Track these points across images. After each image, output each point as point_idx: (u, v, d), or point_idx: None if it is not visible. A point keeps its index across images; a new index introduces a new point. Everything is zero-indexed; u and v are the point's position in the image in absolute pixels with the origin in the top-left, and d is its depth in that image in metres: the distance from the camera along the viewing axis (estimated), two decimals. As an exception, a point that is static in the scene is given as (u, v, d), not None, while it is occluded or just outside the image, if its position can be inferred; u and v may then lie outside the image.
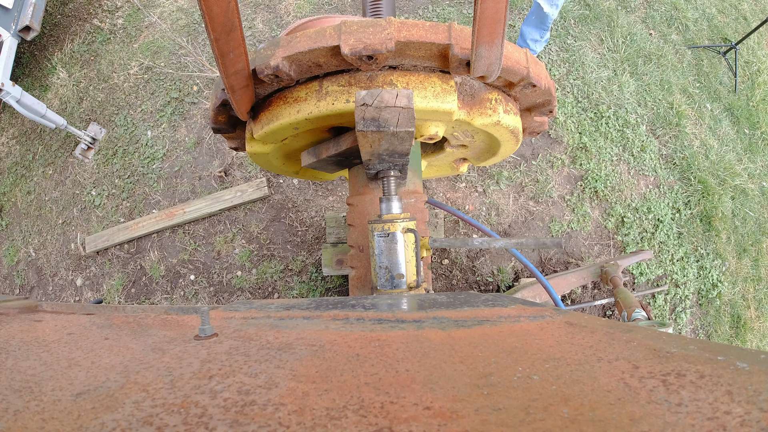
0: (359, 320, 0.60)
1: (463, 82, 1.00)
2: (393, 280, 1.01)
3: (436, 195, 2.58)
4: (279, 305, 0.73)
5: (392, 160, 0.99)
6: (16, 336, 0.58)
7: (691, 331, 2.52)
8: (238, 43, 0.79)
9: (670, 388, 0.32)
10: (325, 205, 2.59)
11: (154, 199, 2.76)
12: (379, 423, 0.30)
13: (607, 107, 2.72)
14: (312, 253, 2.51)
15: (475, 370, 0.39)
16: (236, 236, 2.60)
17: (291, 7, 3.04)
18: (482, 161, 1.52)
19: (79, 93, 3.09)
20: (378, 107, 0.83)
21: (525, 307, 0.64)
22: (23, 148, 3.13)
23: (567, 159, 2.62)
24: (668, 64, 2.97)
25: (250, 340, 0.52)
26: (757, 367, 0.33)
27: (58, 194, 2.93)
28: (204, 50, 2.95)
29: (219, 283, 2.55)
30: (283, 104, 1.00)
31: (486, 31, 0.77)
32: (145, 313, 0.69)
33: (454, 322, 0.57)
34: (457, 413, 0.31)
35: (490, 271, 2.46)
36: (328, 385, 0.37)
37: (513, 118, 1.11)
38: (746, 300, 2.63)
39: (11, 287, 2.88)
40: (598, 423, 0.28)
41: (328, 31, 0.87)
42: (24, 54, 3.28)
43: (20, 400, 0.37)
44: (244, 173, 2.70)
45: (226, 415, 0.32)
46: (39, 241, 2.89)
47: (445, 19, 2.94)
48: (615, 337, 0.45)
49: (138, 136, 2.89)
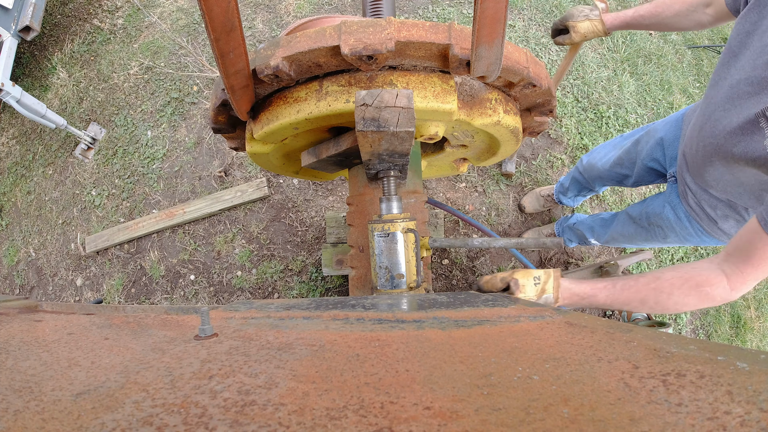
0: (359, 320, 0.60)
1: (463, 82, 1.00)
2: (393, 280, 1.01)
3: (436, 195, 2.58)
4: (279, 305, 0.73)
5: (392, 160, 0.99)
6: (16, 336, 0.58)
7: (691, 331, 2.52)
8: (238, 43, 0.79)
9: (670, 388, 0.32)
10: (325, 205, 2.59)
11: (154, 199, 2.76)
12: (379, 423, 0.30)
13: (607, 107, 2.72)
14: (312, 253, 2.51)
15: (475, 370, 0.39)
16: (236, 236, 2.60)
17: (291, 7, 3.04)
18: (482, 161, 1.52)
19: (79, 93, 3.09)
20: (378, 107, 0.83)
21: (525, 307, 0.64)
22: (23, 148, 3.13)
23: (567, 159, 2.62)
24: (668, 64, 2.97)
25: (250, 340, 0.52)
26: (757, 367, 0.33)
27: (58, 194, 2.93)
28: (204, 50, 2.95)
29: (219, 283, 2.55)
30: (283, 104, 1.00)
31: (486, 31, 0.77)
32: (145, 313, 0.69)
33: (454, 322, 0.57)
34: (457, 413, 0.31)
35: (490, 271, 2.46)
36: (328, 385, 0.37)
37: (513, 118, 1.11)
38: (746, 300, 2.63)
39: (11, 287, 2.88)
40: (598, 423, 0.28)
41: (328, 31, 0.87)
42: (24, 54, 3.28)
43: (20, 400, 0.37)
44: (244, 173, 2.70)
45: (226, 415, 0.32)
46: (39, 241, 2.89)
47: (445, 19, 2.94)
48: (615, 337, 0.45)
49: (138, 136, 2.89)
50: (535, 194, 2.47)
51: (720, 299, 0.95)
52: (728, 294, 0.94)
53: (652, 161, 1.54)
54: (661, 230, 1.54)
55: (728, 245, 0.98)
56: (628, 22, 1.46)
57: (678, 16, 1.35)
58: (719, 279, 0.94)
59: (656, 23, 1.40)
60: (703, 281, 0.95)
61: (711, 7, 1.25)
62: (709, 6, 1.26)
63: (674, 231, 1.49)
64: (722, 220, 1.29)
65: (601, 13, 1.49)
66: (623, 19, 1.46)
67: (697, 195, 1.30)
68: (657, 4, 1.38)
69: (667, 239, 1.55)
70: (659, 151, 1.51)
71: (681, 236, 1.49)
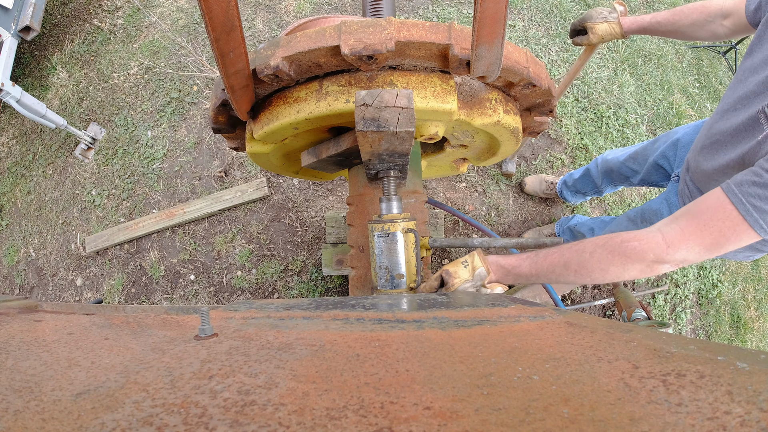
0: (359, 320, 0.60)
1: (463, 82, 1.00)
2: (393, 280, 1.01)
3: (436, 195, 2.58)
4: (279, 305, 0.73)
5: (392, 160, 0.99)
6: (16, 336, 0.58)
7: (691, 331, 2.52)
8: (238, 43, 0.79)
9: (670, 388, 0.32)
10: (325, 205, 2.59)
11: (154, 199, 2.76)
12: (379, 423, 0.30)
13: (607, 107, 2.72)
14: (312, 253, 2.51)
15: (475, 370, 0.39)
16: (236, 236, 2.60)
17: (291, 7, 3.04)
18: (482, 161, 1.52)
19: (79, 93, 3.09)
20: (378, 107, 0.83)
21: (525, 307, 0.64)
22: (23, 148, 3.13)
23: (567, 159, 2.62)
24: (668, 64, 2.97)
25: (250, 340, 0.52)
26: (757, 367, 0.33)
27: (58, 194, 2.93)
28: (204, 50, 2.95)
29: (219, 283, 2.55)
30: (283, 104, 1.00)
31: (486, 31, 0.77)
32: (145, 313, 0.69)
33: (454, 322, 0.57)
34: (457, 413, 0.31)
35: (490, 271, 2.46)
36: (328, 385, 0.37)
37: (513, 118, 1.11)
38: (746, 300, 2.63)
39: (11, 287, 2.88)
40: (598, 423, 0.28)
41: (328, 31, 0.87)
42: (24, 54, 3.28)
43: (20, 400, 0.37)
44: (244, 173, 2.70)
45: (226, 415, 0.32)
46: (39, 241, 2.89)
47: (445, 19, 2.94)
48: (615, 337, 0.45)
49: (138, 136, 2.89)
50: (539, 177, 2.48)
51: (653, 257, 0.82)
52: (663, 251, 0.82)
53: (663, 159, 1.57)
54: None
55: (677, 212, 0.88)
56: (645, 27, 1.47)
57: (694, 26, 1.35)
58: (651, 236, 0.83)
59: (672, 31, 1.41)
60: (631, 237, 0.84)
61: (729, 19, 1.26)
62: (727, 18, 1.26)
63: None
64: None
65: (620, 16, 1.51)
66: (640, 24, 1.47)
67: (693, 195, 1.31)
68: (675, 12, 1.40)
69: None
70: (672, 151, 1.53)
71: None
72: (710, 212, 0.81)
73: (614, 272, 0.85)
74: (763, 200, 0.78)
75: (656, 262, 0.82)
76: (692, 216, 0.83)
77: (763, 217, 0.78)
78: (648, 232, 0.85)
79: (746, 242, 0.81)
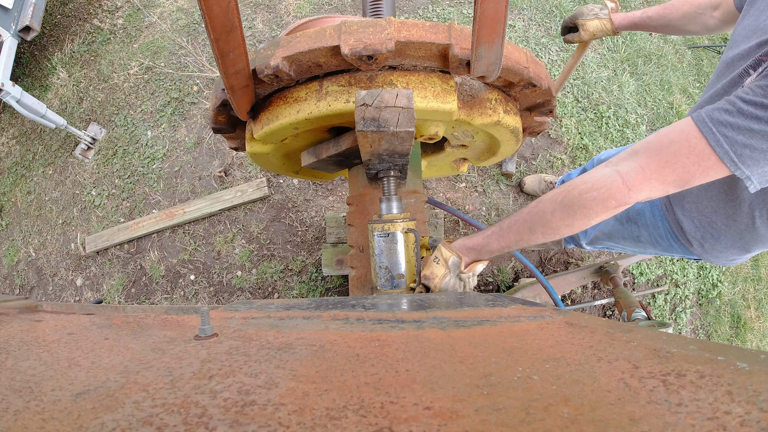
0: (359, 320, 0.60)
1: (463, 82, 1.00)
2: (393, 280, 1.01)
3: (436, 195, 2.58)
4: (279, 305, 0.73)
5: (392, 160, 0.99)
6: (16, 336, 0.58)
7: (691, 331, 2.52)
8: (238, 43, 0.79)
9: (670, 388, 0.32)
10: (325, 205, 2.59)
11: (154, 199, 2.76)
12: (379, 423, 0.30)
13: (607, 107, 2.72)
14: (312, 253, 2.51)
15: (475, 370, 0.39)
16: (236, 236, 2.60)
17: (291, 7, 3.04)
18: (482, 161, 1.52)
19: (79, 93, 3.09)
20: (378, 107, 0.83)
21: (525, 307, 0.64)
22: (23, 148, 3.13)
23: (567, 159, 2.62)
24: (668, 64, 2.97)
25: (250, 340, 0.52)
26: (757, 367, 0.33)
27: (58, 194, 2.93)
28: (204, 50, 2.95)
29: (219, 283, 2.55)
30: (283, 104, 1.00)
31: (486, 31, 0.77)
32: (145, 313, 0.69)
33: (454, 322, 0.57)
34: (457, 413, 0.31)
35: (490, 271, 2.46)
36: (328, 385, 0.37)
37: (513, 118, 1.11)
38: (746, 300, 2.63)
39: (11, 287, 2.88)
40: (598, 423, 0.28)
41: (328, 31, 0.87)
42: (24, 54, 3.28)
43: (20, 400, 0.37)
44: (244, 173, 2.70)
45: (226, 415, 0.32)
46: (39, 241, 2.89)
47: (445, 19, 2.94)
48: (615, 337, 0.45)
49: (138, 136, 2.89)
50: (538, 177, 2.49)
51: (615, 203, 0.79)
52: (624, 195, 0.78)
53: None
54: (636, 227, 1.54)
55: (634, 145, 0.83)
56: (636, 23, 1.47)
57: (685, 19, 1.35)
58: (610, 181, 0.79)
59: (664, 25, 1.41)
60: (588, 187, 0.81)
61: (718, 9, 1.26)
62: (716, 9, 1.26)
63: (647, 229, 1.49)
64: (686, 219, 1.28)
65: (611, 13, 1.51)
66: (631, 20, 1.47)
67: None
68: (665, 6, 1.39)
69: (640, 238, 1.54)
70: None
71: (653, 236, 1.48)
72: (674, 147, 0.76)
73: (580, 224, 0.84)
74: (735, 130, 0.73)
75: (619, 206, 0.80)
76: (654, 152, 0.78)
77: (734, 149, 0.74)
78: (605, 177, 0.80)
79: (713, 177, 0.77)
